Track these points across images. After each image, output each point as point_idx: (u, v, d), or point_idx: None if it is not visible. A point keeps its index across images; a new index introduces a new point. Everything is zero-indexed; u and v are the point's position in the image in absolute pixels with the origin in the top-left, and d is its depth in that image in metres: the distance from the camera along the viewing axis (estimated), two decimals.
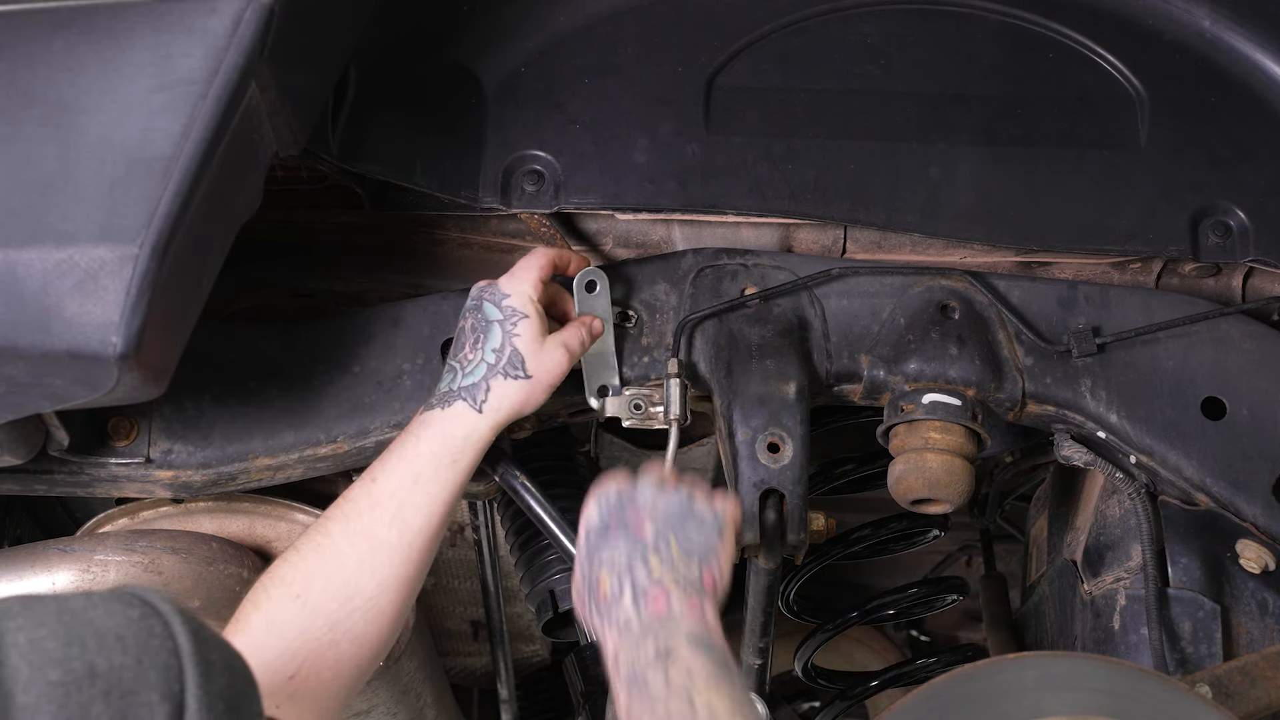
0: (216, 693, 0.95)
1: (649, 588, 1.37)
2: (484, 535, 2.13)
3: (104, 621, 0.94)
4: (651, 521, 1.43)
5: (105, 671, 0.91)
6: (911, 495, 1.71)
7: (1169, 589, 1.69)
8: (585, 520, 1.47)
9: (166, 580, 1.79)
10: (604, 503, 1.46)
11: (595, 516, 1.46)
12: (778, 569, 1.71)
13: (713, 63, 1.78)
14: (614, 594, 1.38)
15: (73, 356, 1.30)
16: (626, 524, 1.43)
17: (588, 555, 1.44)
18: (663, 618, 1.35)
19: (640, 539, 1.42)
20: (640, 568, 1.39)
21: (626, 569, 1.39)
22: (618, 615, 1.37)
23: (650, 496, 1.45)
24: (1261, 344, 1.75)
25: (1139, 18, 1.82)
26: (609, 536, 1.43)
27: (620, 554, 1.41)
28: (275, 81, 1.41)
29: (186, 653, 0.95)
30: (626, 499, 1.46)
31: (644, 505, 1.45)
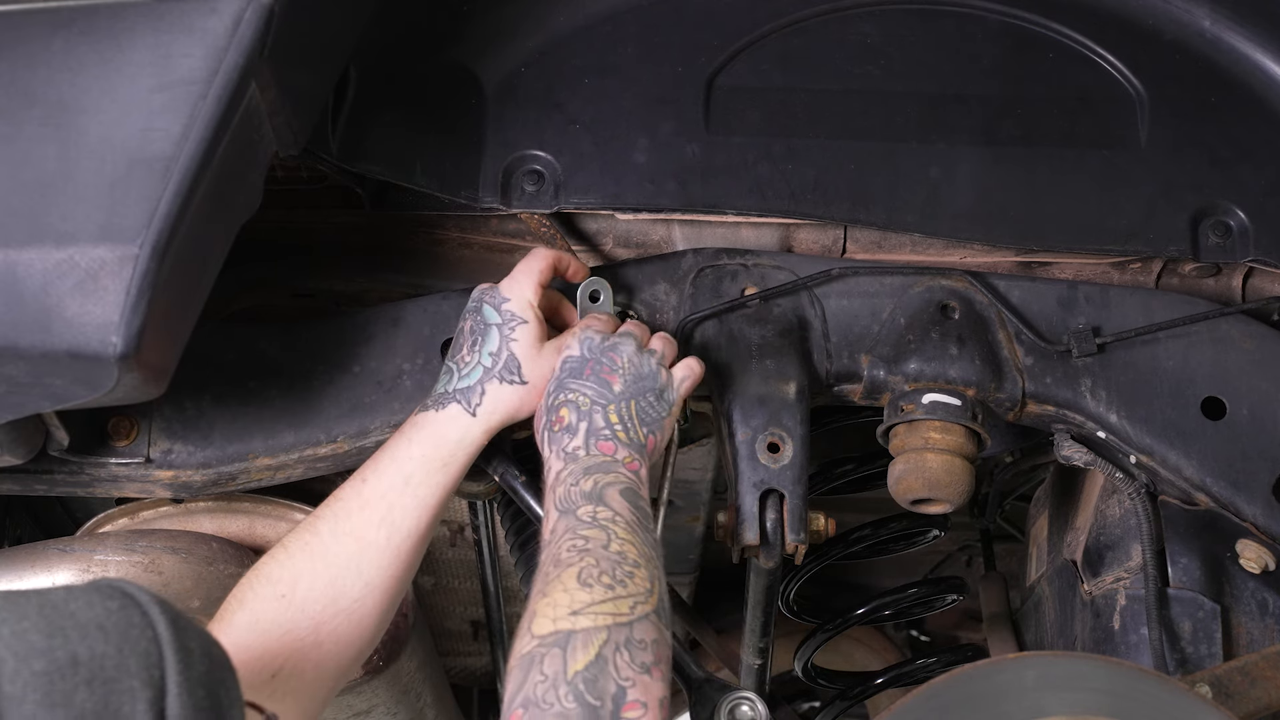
0: (196, 678, 0.98)
1: (602, 434, 1.50)
2: (484, 535, 2.13)
3: (85, 613, 0.96)
4: (623, 380, 1.55)
5: (87, 660, 0.94)
6: (911, 495, 1.71)
7: (1169, 589, 1.69)
8: (566, 349, 1.58)
9: (166, 580, 1.79)
10: (589, 342, 1.58)
11: (577, 350, 1.58)
12: (778, 569, 1.71)
13: (713, 63, 1.78)
14: (570, 426, 1.51)
15: (73, 356, 1.30)
16: (601, 371, 1.55)
17: (558, 383, 1.56)
18: (607, 462, 1.47)
19: (608, 390, 1.54)
20: (600, 415, 1.52)
21: (588, 411, 1.52)
22: (568, 444, 1.50)
23: (629, 355, 1.57)
24: (1261, 344, 1.75)
25: (1139, 18, 1.82)
26: (582, 375, 1.55)
27: (586, 396, 1.53)
28: (275, 81, 1.41)
29: (166, 640, 0.98)
30: (609, 348, 1.57)
31: (621, 361, 1.56)
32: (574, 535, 1.36)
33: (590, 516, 1.39)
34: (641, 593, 1.31)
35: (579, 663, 1.22)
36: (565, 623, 1.25)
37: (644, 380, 1.56)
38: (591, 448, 1.49)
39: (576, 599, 1.27)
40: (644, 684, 1.23)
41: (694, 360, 1.63)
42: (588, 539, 1.35)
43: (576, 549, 1.34)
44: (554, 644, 1.24)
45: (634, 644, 1.26)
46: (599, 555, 1.33)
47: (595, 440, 1.49)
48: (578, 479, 1.45)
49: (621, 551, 1.34)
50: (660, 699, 1.24)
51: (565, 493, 1.44)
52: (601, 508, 1.40)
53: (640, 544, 1.37)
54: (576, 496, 1.42)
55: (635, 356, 1.57)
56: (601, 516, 1.39)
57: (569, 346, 1.58)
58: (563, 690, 1.20)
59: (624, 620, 1.27)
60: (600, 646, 1.24)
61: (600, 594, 1.28)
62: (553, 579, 1.31)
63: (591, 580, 1.30)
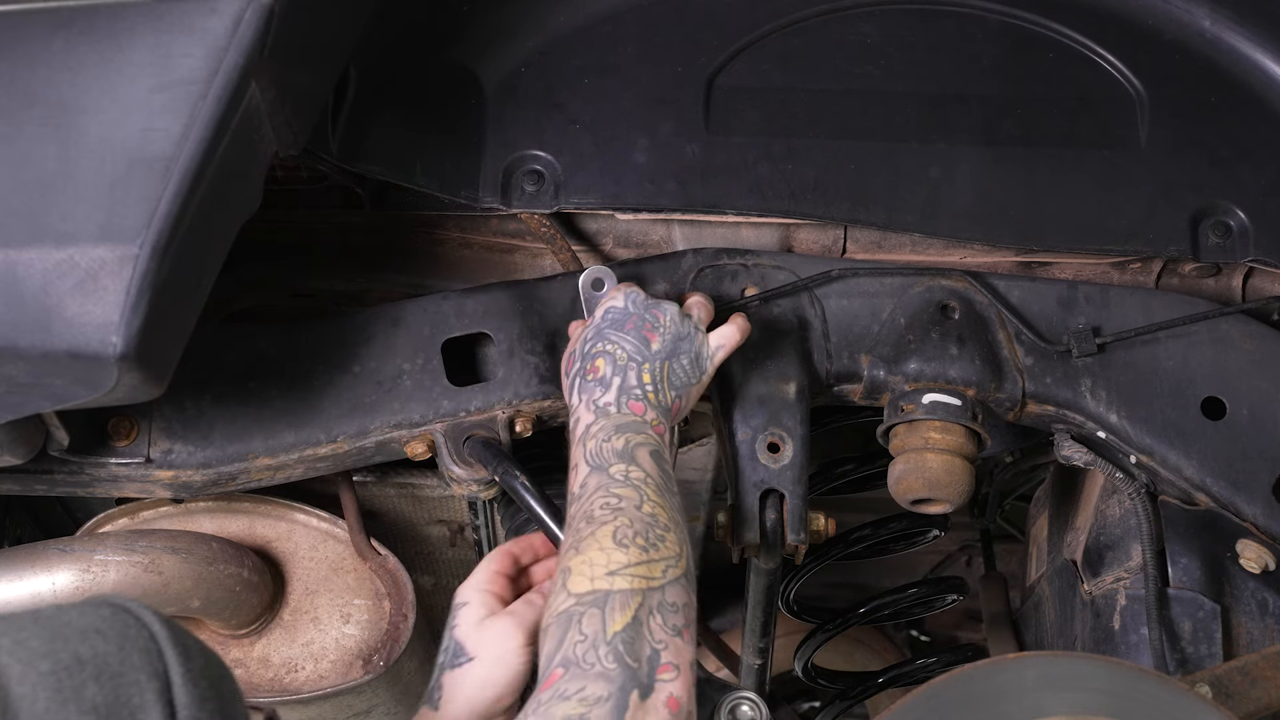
0: (198, 671, 1.00)
1: (634, 393, 1.51)
2: (484, 535, 2.13)
3: (80, 620, 0.99)
4: (661, 339, 1.55)
5: (91, 658, 0.96)
6: (911, 495, 1.71)
7: (1169, 589, 1.69)
8: (610, 301, 1.59)
9: (166, 580, 1.79)
10: (634, 299, 1.59)
11: (621, 304, 1.59)
12: (778, 569, 1.71)
13: (713, 63, 1.78)
14: (604, 379, 1.52)
15: (73, 356, 1.30)
16: (643, 328, 1.55)
17: (597, 332, 1.56)
18: (637, 422, 1.48)
19: (646, 348, 1.54)
20: (634, 372, 1.52)
21: (624, 366, 1.52)
22: (599, 397, 1.50)
23: (672, 315, 1.58)
24: (1261, 344, 1.75)
25: (1139, 18, 1.82)
26: (624, 328, 1.56)
27: (624, 350, 1.54)
28: (275, 81, 1.41)
29: (163, 637, 1.00)
30: (654, 305, 1.58)
31: (665, 320, 1.57)
32: (607, 493, 1.37)
33: (623, 475, 1.39)
34: (672, 556, 1.32)
35: (617, 624, 1.23)
36: (603, 582, 1.26)
37: (682, 342, 1.56)
38: (623, 405, 1.49)
39: (614, 559, 1.28)
40: (676, 647, 1.24)
41: (732, 328, 1.62)
42: (620, 498, 1.36)
43: (610, 507, 1.34)
44: (592, 603, 1.25)
45: (666, 607, 1.27)
46: (632, 515, 1.33)
47: (627, 399, 1.50)
48: (609, 435, 1.45)
49: (653, 514, 1.35)
50: (690, 661, 1.25)
51: (597, 448, 1.44)
52: (634, 467, 1.40)
53: (669, 508, 1.38)
54: (609, 453, 1.42)
55: (678, 317, 1.58)
56: (634, 476, 1.39)
57: (613, 298, 1.59)
58: (603, 650, 1.21)
59: (657, 584, 1.28)
60: (636, 609, 1.25)
61: (636, 555, 1.29)
62: (586, 536, 1.31)
63: (627, 541, 1.30)
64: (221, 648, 1.95)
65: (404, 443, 1.72)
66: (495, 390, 1.72)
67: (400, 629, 1.96)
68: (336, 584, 1.97)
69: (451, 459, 1.70)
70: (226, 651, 1.95)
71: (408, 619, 1.96)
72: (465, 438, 1.71)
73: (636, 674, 1.20)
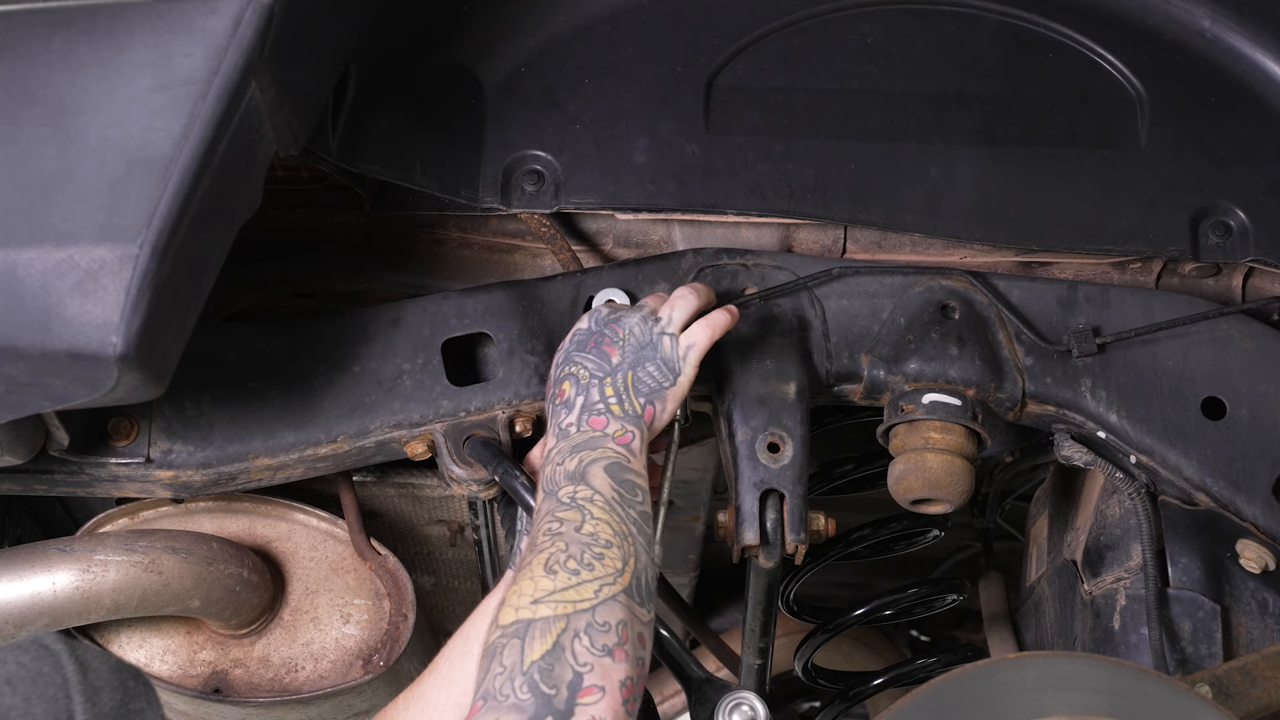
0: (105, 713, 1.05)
1: (596, 408, 1.51)
2: (484, 535, 2.12)
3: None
4: (621, 351, 1.55)
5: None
6: (911, 495, 1.71)
7: (1169, 589, 1.69)
8: (578, 324, 1.61)
9: (166, 580, 1.79)
10: (597, 316, 1.60)
11: (585, 324, 1.60)
12: (778, 569, 1.71)
13: (713, 63, 1.78)
14: (569, 401, 1.53)
15: (73, 356, 1.30)
16: (602, 344, 1.56)
17: (565, 356, 1.58)
18: (595, 437, 1.48)
19: (607, 363, 1.55)
20: (596, 388, 1.53)
21: (586, 385, 1.53)
22: (563, 419, 1.52)
23: (631, 325, 1.58)
24: (1261, 344, 1.75)
25: (1139, 18, 1.82)
26: (586, 349, 1.57)
27: (586, 369, 1.55)
28: (275, 81, 1.41)
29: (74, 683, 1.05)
30: (613, 319, 1.59)
31: (623, 332, 1.57)
32: (551, 518, 1.38)
33: (569, 497, 1.40)
34: (610, 574, 1.32)
35: (535, 652, 1.23)
36: (526, 612, 1.27)
37: (644, 350, 1.56)
38: (583, 423, 1.50)
39: (540, 587, 1.29)
40: (603, 667, 1.24)
41: (701, 326, 1.60)
42: (562, 521, 1.37)
43: (550, 533, 1.35)
44: (514, 634, 1.25)
45: (595, 628, 1.26)
46: (570, 539, 1.34)
47: (587, 415, 1.50)
48: (564, 458, 1.46)
49: (594, 532, 1.35)
50: (622, 679, 1.25)
51: (551, 473, 1.45)
52: (581, 487, 1.41)
53: (617, 521, 1.38)
54: (560, 477, 1.44)
55: (638, 326, 1.57)
56: (580, 496, 1.40)
57: (580, 320, 1.61)
58: (518, 681, 1.21)
59: (585, 605, 1.28)
60: (559, 634, 1.25)
61: (564, 580, 1.29)
62: (524, 566, 1.33)
63: (557, 566, 1.31)
64: (221, 648, 1.95)
65: (404, 443, 1.72)
66: (495, 390, 1.72)
67: (400, 629, 1.96)
68: (336, 584, 1.97)
69: (451, 459, 1.70)
70: (226, 651, 1.95)
71: (408, 619, 1.95)
72: (465, 438, 1.71)
73: (552, 701, 1.20)
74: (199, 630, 1.95)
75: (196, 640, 1.95)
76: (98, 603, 1.77)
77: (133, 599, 1.78)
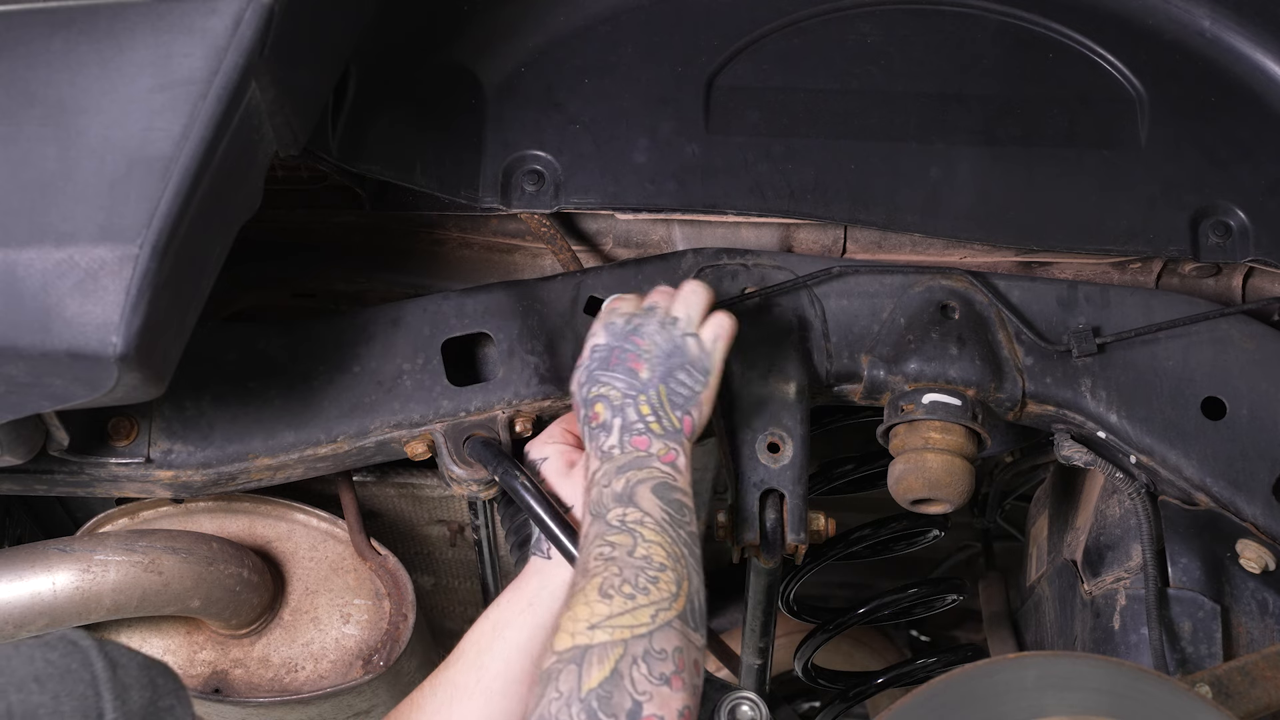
0: (135, 711, 1.05)
1: (635, 428, 1.48)
2: (484, 535, 2.12)
3: (23, 668, 1.04)
4: (649, 365, 1.51)
5: (22, 712, 1.01)
6: (911, 495, 1.71)
7: (1169, 589, 1.69)
8: (593, 337, 1.56)
9: (166, 580, 1.79)
10: (612, 328, 1.56)
11: (603, 339, 1.55)
12: (778, 569, 1.71)
13: (713, 63, 1.78)
14: (605, 424, 1.49)
15: (73, 356, 1.30)
16: (627, 360, 1.52)
17: (589, 374, 1.53)
18: (640, 458, 1.45)
19: (636, 381, 1.51)
20: (631, 408, 1.49)
21: (620, 405, 1.49)
22: (604, 442, 1.48)
23: (651, 335, 1.53)
24: (1261, 344, 1.75)
25: (1139, 18, 1.82)
26: (610, 366, 1.52)
27: (617, 389, 1.50)
28: (275, 81, 1.41)
29: (103, 680, 1.05)
30: (630, 331, 1.54)
31: (645, 343, 1.53)
32: (601, 542, 1.36)
33: (619, 520, 1.38)
34: (665, 598, 1.30)
35: (593, 680, 1.22)
36: (583, 637, 1.26)
37: (672, 358, 1.52)
38: (625, 444, 1.47)
39: (596, 612, 1.28)
40: (662, 696, 1.23)
41: (721, 315, 1.58)
42: (614, 545, 1.35)
43: (603, 557, 1.34)
44: (570, 660, 1.24)
45: (653, 655, 1.25)
46: (623, 563, 1.32)
47: (629, 436, 1.47)
48: (610, 479, 1.43)
49: (647, 555, 1.34)
50: (680, 708, 1.24)
51: (598, 495, 1.43)
52: (631, 509, 1.39)
53: (669, 543, 1.36)
54: (608, 499, 1.41)
55: (659, 334, 1.54)
56: (630, 519, 1.38)
57: (595, 334, 1.57)
58: (575, 708, 1.21)
59: (643, 631, 1.27)
60: (616, 661, 1.23)
61: (620, 605, 1.28)
62: (577, 591, 1.32)
63: (612, 591, 1.29)
64: (221, 648, 1.95)
65: (404, 443, 1.72)
66: (495, 390, 1.72)
67: (400, 629, 1.96)
68: (336, 584, 1.97)
69: (451, 459, 1.70)
70: (226, 651, 1.95)
71: (408, 619, 1.96)
72: (465, 438, 1.70)
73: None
74: (199, 630, 1.95)
75: (196, 640, 1.95)
76: (98, 603, 1.77)
77: (133, 599, 1.78)
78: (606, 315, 1.59)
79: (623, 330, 1.55)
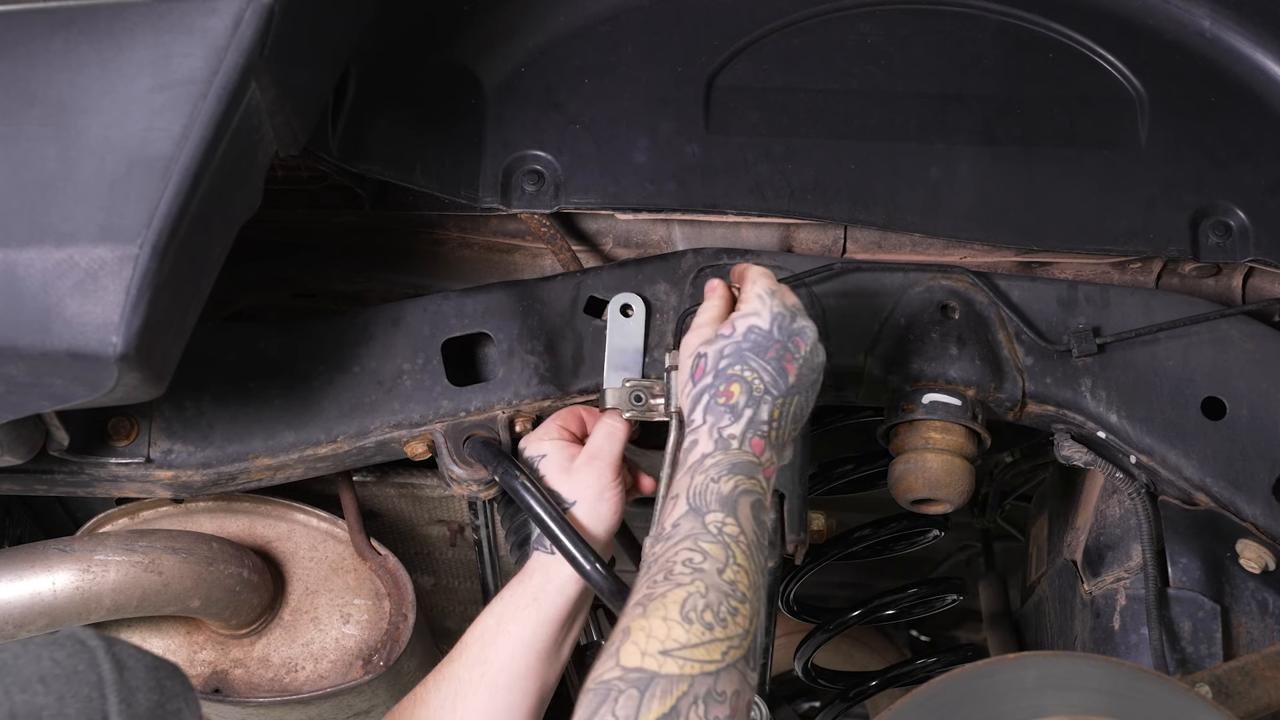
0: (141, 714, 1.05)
1: (761, 429, 1.41)
2: (484, 535, 2.12)
3: (29, 668, 1.03)
4: (798, 373, 1.45)
5: (25, 713, 1.00)
6: (911, 495, 1.71)
7: (1169, 589, 1.69)
8: (755, 313, 1.47)
9: (166, 580, 1.79)
10: (780, 321, 1.47)
11: (767, 322, 1.47)
12: (778, 569, 1.71)
13: (713, 63, 1.78)
14: (736, 408, 1.41)
15: (73, 356, 1.30)
16: (784, 357, 1.45)
17: (738, 352, 1.45)
18: (752, 464, 1.38)
19: (784, 381, 1.44)
20: (766, 406, 1.42)
21: (759, 399, 1.42)
22: (726, 427, 1.40)
23: (810, 345, 1.48)
24: (1262, 344, 1.75)
25: (1139, 18, 1.82)
26: (765, 355, 1.44)
27: (763, 381, 1.43)
28: (275, 81, 1.41)
29: (109, 682, 1.04)
30: (796, 331, 1.47)
31: (804, 350, 1.47)
32: (694, 546, 1.30)
33: (717, 528, 1.32)
34: (739, 635, 1.26)
35: (652, 713, 1.19)
36: (652, 662, 1.21)
37: (813, 374, 1.48)
38: (746, 441, 1.40)
39: (673, 635, 1.23)
40: None
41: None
42: (706, 555, 1.29)
43: (692, 565, 1.28)
44: (634, 683, 1.20)
45: (714, 697, 1.22)
46: (711, 582, 1.27)
47: (752, 434, 1.41)
48: (720, 474, 1.37)
49: (734, 581, 1.28)
50: None
51: (704, 486, 1.36)
52: (730, 521, 1.33)
53: (754, 571, 1.31)
54: (712, 497, 1.35)
55: (815, 348, 1.49)
56: (728, 531, 1.32)
57: (757, 314, 1.47)
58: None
59: (712, 669, 1.23)
60: (679, 698, 1.20)
61: (698, 635, 1.23)
62: (657, 597, 1.26)
63: (694, 616, 1.24)
64: (221, 648, 1.95)
65: (404, 443, 1.72)
66: (495, 390, 1.72)
67: (400, 629, 1.96)
68: (336, 584, 1.97)
69: (451, 459, 1.70)
70: (226, 651, 1.95)
71: (408, 619, 1.95)
72: (465, 438, 1.71)
73: None
74: (199, 630, 1.95)
75: (196, 640, 1.95)
76: (98, 603, 1.77)
77: (133, 599, 1.78)
78: (772, 300, 1.49)
79: (788, 327, 1.48)
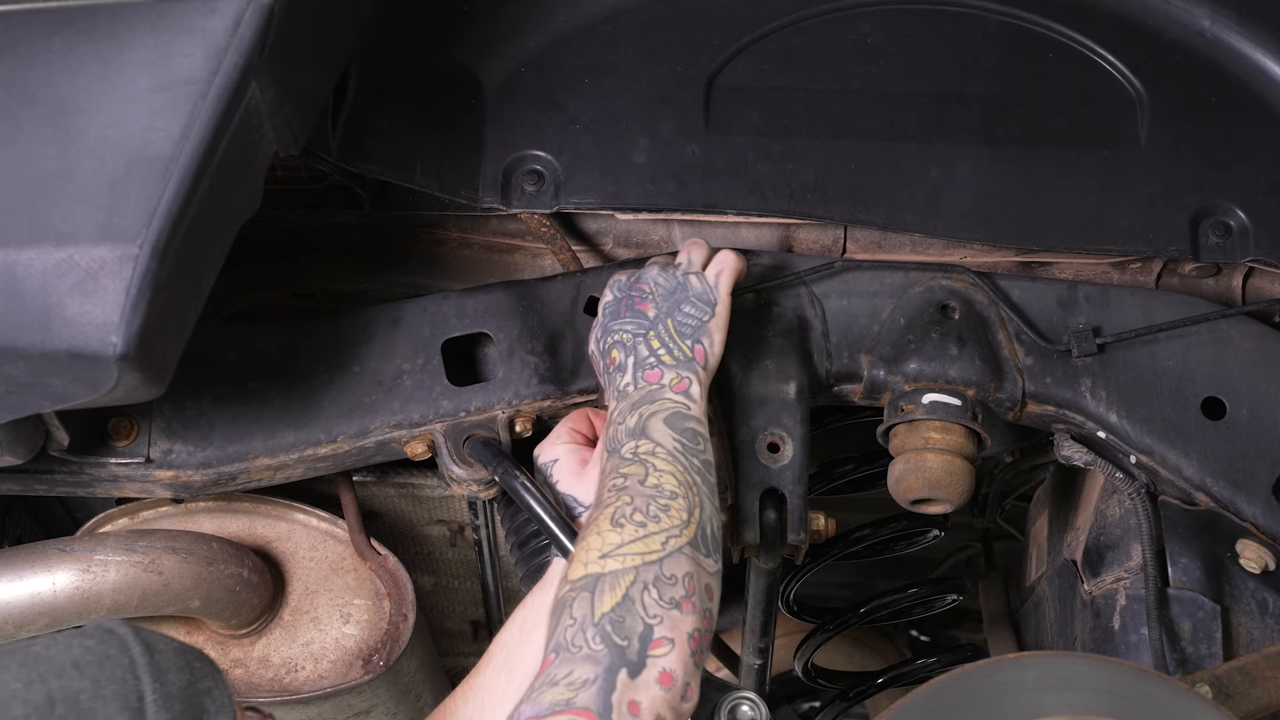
0: (175, 694, 1.07)
1: (647, 363, 1.54)
2: (484, 535, 2.13)
3: (61, 656, 1.06)
4: (654, 303, 1.59)
5: (63, 698, 1.02)
6: (911, 495, 1.71)
7: (1169, 589, 1.69)
8: (603, 300, 1.63)
9: (166, 580, 1.79)
10: (617, 285, 1.63)
11: (610, 296, 1.63)
12: (778, 569, 1.71)
13: (713, 63, 1.78)
14: (621, 365, 1.55)
15: (73, 356, 1.30)
16: (634, 304, 1.59)
17: (603, 331, 1.60)
18: (653, 391, 1.50)
19: (644, 319, 1.57)
20: (643, 344, 1.55)
21: (633, 345, 1.56)
22: (620, 382, 1.54)
23: (653, 279, 1.61)
24: (1262, 344, 1.75)
25: (1139, 18, 1.82)
26: (620, 316, 1.59)
27: (628, 331, 1.57)
28: (275, 81, 1.41)
29: (142, 665, 1.07)
30: (635, 280, 1.62)
31: (648, 286, 1.60)
32: (615, 474, 1.41)
33: (631, 453, 1.43)
34: (676, 525, 1.34)
35: (605, 605, 1.26)
36: (595, 566, 1.29)
37: (675, 294, 1.59)
38: (639, 380, 1.52)
39: (607, 541, 1.31)
40: (672, 620, 1.26)
41: (724, 252, 1.65)
42: (626, 476, 1.39)
43: (615, 488, 1.38)
44: (583, 588, 1.28)
45: (663, 580, 1.29)
46: (634, 492, 1.36)
47: (641, 371, 1.53)
48: (624, 416, 1.48)
49: (658, 484, 1.38)
50: (690, 631, 1.27)
51: (614, 433, 1.48)
52: (643, 441, 1.44)
53: (681, 471, 1.41)
54: (622, 434, 1.46)
55: (661, 276, 1.61)
56: (642, 450, 1.42)
57: (603, 296, 1.63)
58: (590, 633, 1.24)
59: (653, 558, 1.30)
60: (628, 587, 1.27)
61: (631, 533, 1.32)
62: (590, 522, 1.36)
63: (623, 520, 1.33)
64: (221, 648, 1.95)
65: (404, 443, 1.72)
66: (495, 390, 1.72)
67: (400, 629, 1.96)
68: (336, 584, 1.97)
69: (451, 459, 1.70)
70: (226, 651, 1.95)
71: (408, 619, 1.96)
72: (465, 438, 1.71)
73: (625, 652, 1.23)
74: (199, 630, 1.95)
75: (196, 640, 1.95)
76: (98, 603, 1.77)
77: (133, 599, 1.78)
78: (611, 280, 1.65)
79: (626, 283, 1.62)
